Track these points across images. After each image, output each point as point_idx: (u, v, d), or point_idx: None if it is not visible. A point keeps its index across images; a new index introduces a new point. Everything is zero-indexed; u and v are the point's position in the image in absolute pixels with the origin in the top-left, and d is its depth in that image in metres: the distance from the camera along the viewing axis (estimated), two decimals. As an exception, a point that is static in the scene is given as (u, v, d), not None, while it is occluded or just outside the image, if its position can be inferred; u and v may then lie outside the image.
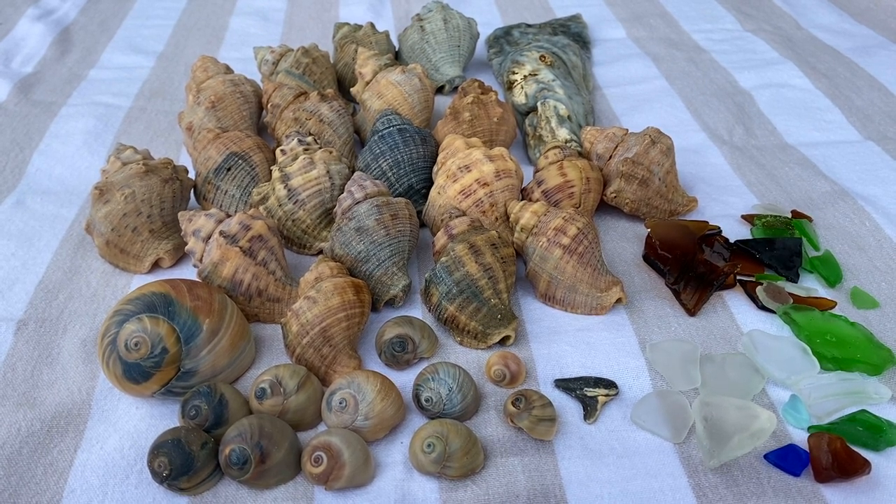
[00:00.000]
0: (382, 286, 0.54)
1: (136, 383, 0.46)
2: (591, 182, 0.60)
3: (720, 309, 0.55)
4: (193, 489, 0.42)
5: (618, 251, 0.61)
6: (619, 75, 0.88)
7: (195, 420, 0.44)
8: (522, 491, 0.43)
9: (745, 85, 0.86)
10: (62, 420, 0.47)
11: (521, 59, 0.77)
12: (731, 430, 0.44)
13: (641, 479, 0.43)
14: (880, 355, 0.49)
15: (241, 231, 0.52)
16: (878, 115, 0.80)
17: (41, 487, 0.43)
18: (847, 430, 0.45)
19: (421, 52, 0.83)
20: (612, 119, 0.80)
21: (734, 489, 0.43)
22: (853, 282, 0.58)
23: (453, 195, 0.57)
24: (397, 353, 0.49)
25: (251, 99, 0.69)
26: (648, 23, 1.02)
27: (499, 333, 0.51)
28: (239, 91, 0.69)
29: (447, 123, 0.67)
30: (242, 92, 0.69)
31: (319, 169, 0.58)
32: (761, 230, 0.61)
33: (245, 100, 0.68)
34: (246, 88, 0.69)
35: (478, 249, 0.51)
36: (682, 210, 0.64)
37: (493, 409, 0.48)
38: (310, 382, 0.47)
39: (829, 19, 1.04)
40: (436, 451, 0.42)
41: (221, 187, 0.61)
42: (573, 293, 0.54)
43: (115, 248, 0.57)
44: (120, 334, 0.45)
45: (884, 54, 0.92)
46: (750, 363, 0.49)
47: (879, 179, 0.69)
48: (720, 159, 0.73)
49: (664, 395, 0.47)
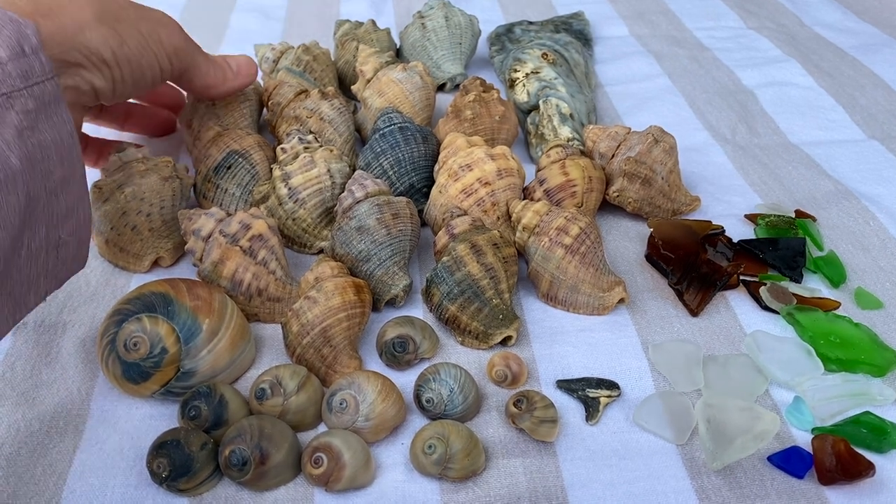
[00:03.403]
0: (383, 286, 0.53)
1: (136, 383, 0.45)
2: (594, 181, 0.59)
3: (723, 309, 0.55)
4: (193, 490, 0.42)
5: (620, 251, 0.60)
6: (622, 73, 0.88)
7: (195, 421, 0.44)
8: (524, 492, 0.42)
9: (748, 83, 0.85)
10: (61, 420, 0.47)
11: (523, 56, 0.76)
12: (734, 431, 0.44)
13: (644, 481, 0.43)
14: (885, 356, 0.49)
15: (242, 230, 0.51)
16: (883, 113, 0.79)
17: (40, 488, 0.43)
18: (851, 431, 0.45)
19: (422, 50, 0.83)
20: (615, 117, 0.79)
21: (737, 491, 0.42)
22: (857, 282, 0.57)
23: (455, 194, 0.57)
24: (398, 353, 0.49)
25: (251, 96, 0.69)
26: (651, 20, 1.02)
27: (500, 334, 0.51)
28: (239, 89, 0.68)
29: (448, 122, 0.66)
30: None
31: (320, 167, 0.58)
32: (765, 230, 0.61)
33: (245, 97, 0.67)
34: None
35: (479, 249, 0.51)
36: (685, 209, 0.64)
37: (494, 409, 0.47)
38: (310, 383, 0.46)
39: (832, 17, 1.03)
40: (437, 453, 0.42)
41: (221, 186, 0.60)
42: (575, 293, 0.54)
43: (115, 247, 0.56)
44: (119, 334, 0.45)
45: (888, 52, 0.92)
46: (753, 364, 0.49)
47: (884, 179, 0.69)
48: (723, 158, 0.72)
49: (667, 397, 0.47)
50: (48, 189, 0.40)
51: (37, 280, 0.41)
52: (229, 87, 0.60)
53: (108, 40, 0.46)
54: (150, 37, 0.50)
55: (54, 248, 0.42)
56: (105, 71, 0.47)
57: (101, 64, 0.47)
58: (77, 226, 0.43)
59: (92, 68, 0.46)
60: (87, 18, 0.45)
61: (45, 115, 0.39)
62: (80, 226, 0.44)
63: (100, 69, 0.47)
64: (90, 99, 0.48)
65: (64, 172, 0.41)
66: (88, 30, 0.45)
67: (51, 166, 0.40)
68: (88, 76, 0.46)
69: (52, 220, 0.41)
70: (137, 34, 0.49)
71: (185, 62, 0.54)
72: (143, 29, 0.49)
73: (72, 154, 0.41)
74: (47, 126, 0.39)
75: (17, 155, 0.37)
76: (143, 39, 0.49)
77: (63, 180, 0.41)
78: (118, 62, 0.48)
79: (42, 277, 0.41)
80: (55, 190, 0.40)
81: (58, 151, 0.40)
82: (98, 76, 0.47)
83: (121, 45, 0.47)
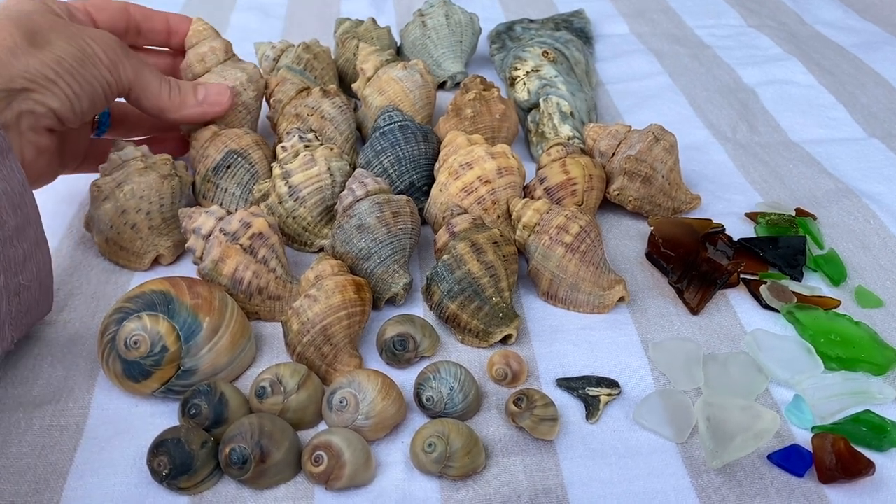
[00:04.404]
0: (384, 284, 0.53)
1: (136, 382, 0.46)
2: (594, 179, 0.59)
3: (723, 308, 0.55)
4: (193, 488, 0.42)
5: (620, 249, 0.60)
6: (622, 71, 0.88)
7: (195, 419, 0.44)
8: (524, 491, 0.42)
9: (748, 81, 0.85)
10: (62, 418, 0.47)
11: (523, 55, 0.76)
12: (734, 430, 0.44)
13: (644, 480, 0.43)
14: (885, 355, 0.49)
15: (242, 228, 0.51)
16: (883, 112, 0.79)
17: (41, 486, 0.43)
18: (851, 430, 0.45)
19: (423, 48, 0.83)
20: (615, 115, 0.79)
21: (737, 490, 0.42)
22: (858, 280, 0.57)
23: (455, 192, 0.57)
24: (398, 351, 0.49)
25: (249, 94, 0.68)
26: (651, 18, 1.02)
27: (500, 332, 0.51)
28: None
29: (449, 120, 0.66)
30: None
31: (320, 166, 0.58)
32: (765, 228, 0.61)
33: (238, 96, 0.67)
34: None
35: (479, 247, 0.51)
36: (686, 208, 0.64)
37: (494, 408, 0.47)
38: (310, 381, 0.46)
39: (833, 15, 1.03)
40: (437, 451, 0.42)
41: (221, 185, 0.60)
42: (575, 291, 0.54)
43: (115, 246, 0.56)
44: (119, 332, 0.45)
45: (888, 50, 0.92)
46: (753, 363, 0.49)
47: (884, 177, 0.69)
48: (723, 156, 0.72)
49: (667, 395, 0.47)
50: (2, 238, 0.40)
51: (0, 328, 0.42)
52: (187, 113, 0.59)
53: (46, 59, 0.47)
54: (85, 51, 0.50)
55: (15, 295, 0.42)
56: (54, 89, 0.47)
57: (48, 82, 0.47)
58: (37, 270, 0.44)
59: (41, 89, 0.47)
60: (17, 43, 0.46)
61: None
62: (39, 270, 0.44)
63: (48, 88, 0.47)
64: (52, 122, 0.49)
65: (17, 221, 0.42)
66: (23, 54, 0.46)
67: (4, 216, 0.40)
68: (40, 98, 0.47)
69: (8, 267, 0.41)
70: (73, 49, 0.49)
71: (128, 78, 0.53)
72: (77, 44, 0.49)
73: (23, 201, 0.42)
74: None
75: None
76: (79, 54, 0.49)
77: (17, 228, 0.42)
78: (63, 77, 0.48)
79: (6, 325, 0.42)
80: (10, 239, 0.41)
81: (9, 201, 0.41)
82: (50, 96, 0.47)
83: (59, 61, 0.48)
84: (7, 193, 0.41)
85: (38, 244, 0.44)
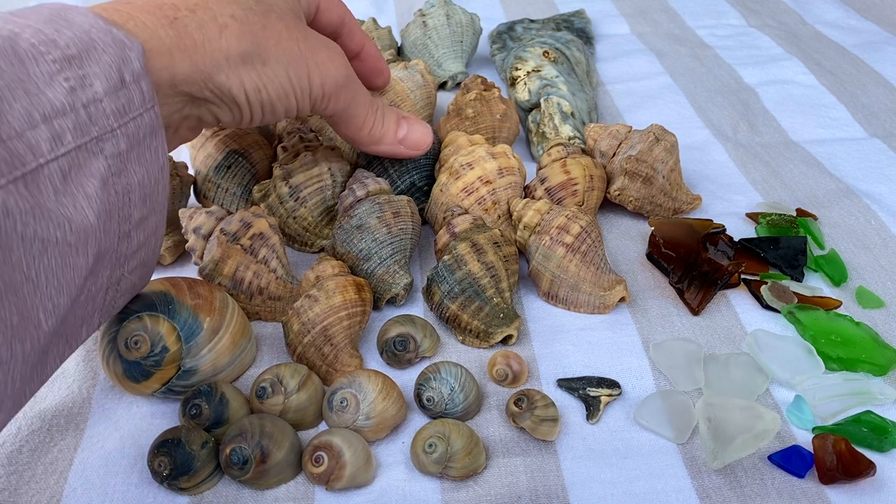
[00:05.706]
0: (384, 284, 0.53)
1: (137, 382, 0.46)
2: (595, 180, 0.59)
3: (724, 308, 0.55)
4: (194, 489, 0.42)
5: (621, 249, 0.60)
6: (623, 71, 0.88)
7: (195, 419, 0.44)
8: (524, 491, 0.42)
9: (749, 81, 0.85)
10: (62, 418, 0.47)
11: (524, 55, 0.76)
12: (734, 430, 0.44)
13: (644, 480, 0.43)
14: (886, 355, 0.49)
15: (242, 229, 0.51)
16: (884, 112, 0.79)
17: (41, 486, 0.43)
18: (852, 431, 0.45)
19: (423, 48, 0.83)
20: (616, 115, 0.79)
21: (738, 490, 0.42)
22: (859, 281, 0.57)
23: (455, 192, 0.57)
24: (399, 352, 0.49)
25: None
26: (652, 18, 1.02)
27: (501, 332, 0.51)
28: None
29: (450, 120, 0.66)
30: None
31: (321, 166, 0.58)
32: (766, 228, 0.61)
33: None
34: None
35: (480, 248, 0.51)
36: (686, 208, 0.64)
37: (495, 408, 0.47)
38: (311, 381, 0.46)
39: (834, 15, 1.03)
40: (437, 452, 0.42)
41: (222, 185, 0.60)
42: (576, 292, 0.54)
43: (116, 246, 0.56)
44: (120, 333, 0.45)
45: (889, 50, 0.92)
46: (754, 363, 0.49)
47: (885, 177, 0.69)
48: (724, 156, 0.72)
49: (667, 396, 0.47)
50: (121, 234, 0.37)
51: (91, 316, 0.39)
52: (381, 150, 0.55)
53: (245, 84, 0.43)
54: (296, 81, 0.45)
55: (114, 286, 0.39)
56: (234, 110, 0.44)
57: (232, 104, 0.43)
58: (144, 257, 0.41)
59: (221, 105, 0.43)
60: (230, 57, 0.41)
61: (137, 152, 0.36)
62: (147, 257, 0.41)
63: (229, 108, 0.44)
64: (211, 125, 0.46)
65: (143, 212, 0.38)
66: (228, 70, 0.42)
67: (130, 210, 0.37)
68: (216, 110, 0.44)
69: (117, 262, 0.38)
70: (283, 78, 0.44)
71: (335, 110, 0.49)
72: (291, 73, 0.45)
73: (156, 190, 0.39)
74: (137, 165, 0.36)
75: (96, 210, 0.34)
76: (287, 84, 0.45)
77: (140, 220, 0.38)
78: (250, 106, 0.44)
79: (97, 313, 0.39)
80: (128, 233, 0.38)
81: (142, 191, 0.37)
82: (225, 112, 0.44)
83: (258, 91, 0.43)
84: (141, 184, 0.37)
85: (156, 231, 0.40)
